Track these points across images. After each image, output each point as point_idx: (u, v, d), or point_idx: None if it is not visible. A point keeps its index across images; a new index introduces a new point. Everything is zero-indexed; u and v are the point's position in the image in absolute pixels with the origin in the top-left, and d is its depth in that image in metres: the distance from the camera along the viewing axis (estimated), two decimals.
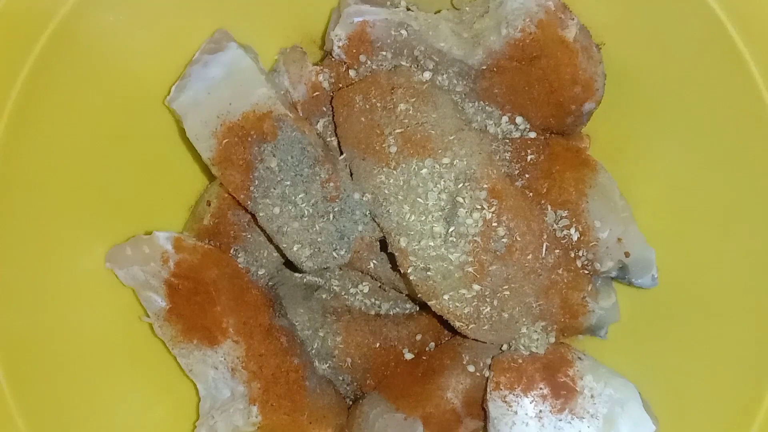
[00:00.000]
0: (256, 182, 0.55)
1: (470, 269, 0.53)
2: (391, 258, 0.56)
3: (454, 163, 0.54)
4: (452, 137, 0.54)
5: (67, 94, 0.56)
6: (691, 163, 0.58)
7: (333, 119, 0.58)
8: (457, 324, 0.55)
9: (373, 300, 0.63)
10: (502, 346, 0.57)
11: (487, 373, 0.56)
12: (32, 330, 0.56)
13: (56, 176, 0.56)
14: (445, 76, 0.57)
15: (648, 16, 0.57)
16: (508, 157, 0.57)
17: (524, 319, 0.56)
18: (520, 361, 0.55)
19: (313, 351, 0.60)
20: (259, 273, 0.59)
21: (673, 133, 0.59)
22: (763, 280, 0.56)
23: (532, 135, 0.58)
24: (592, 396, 0.54)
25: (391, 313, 0.63)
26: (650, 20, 0.57)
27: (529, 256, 0.54)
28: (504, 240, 0.54)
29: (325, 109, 0.59)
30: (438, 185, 0.53)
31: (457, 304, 0.54)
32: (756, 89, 0.54)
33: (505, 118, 0.57)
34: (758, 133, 0.55)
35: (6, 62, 0.53)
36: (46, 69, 0.54)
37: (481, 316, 0.55)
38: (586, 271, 0.57)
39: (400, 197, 0.54)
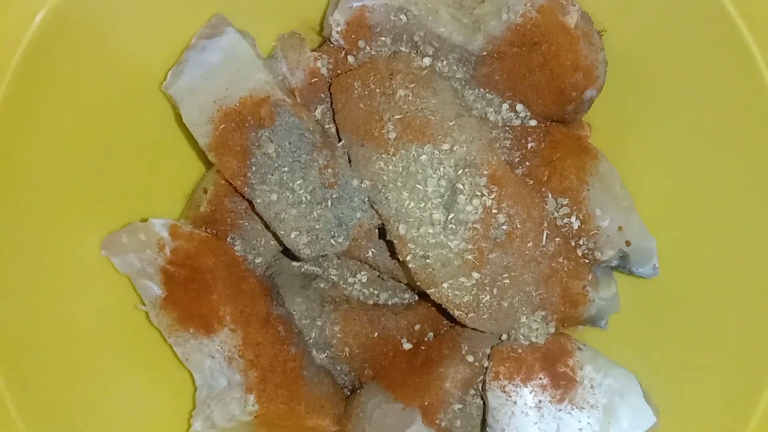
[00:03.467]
0: (254, 168, 0.54)
1: (470, 257, 0.53)
2: (390, 246, 0.56)
3: (454, 149, 0.53)
4: (452, 123, 0.54)
5: (62, 80, 0.55)
6: (692, 151, 0.58)
7: (331, 106, 0.57)
8: (456, 313, 0.55)
9: (371, 290, 0.63)
10: (501, 335, 0.57)
11: (486, 363, 0.56)
12: (27, 318, 0.55)
13: (51, 163, 0.56)
14: (444, 62, 0.56)
15: (649, 3, 0.56)
16: (508, 145, 0.56)
17: (524, 309, 0.55)
18: (520, 350, 0.55)
19: (311, 340, 0.60)
20: (256, 261, 0.58)
21: (675, 121, 0.58)
22: (764, 271, 0.55)
23: (533, 123, 0.57)
24: (591, 386, 0.54)
25: (390, 303, 0.63)
26: (652, 7, 0.56)
27: (530, 244, 0.54)
28: (504, 227, 0.53)
29: (323, 95, 0.58)
30: (437, 171, 0.53)
31: (457, 292, 0.54)
32: (759, 77, 0.54)
33: (505, 106, 0.57)
34: (760, 121, 0.55)
35: None
36: (40, 54, 0.53)
37: (481, 305, 0.54)
38: (587, 260, 0.56)
39: (399, 184, 0.54)
